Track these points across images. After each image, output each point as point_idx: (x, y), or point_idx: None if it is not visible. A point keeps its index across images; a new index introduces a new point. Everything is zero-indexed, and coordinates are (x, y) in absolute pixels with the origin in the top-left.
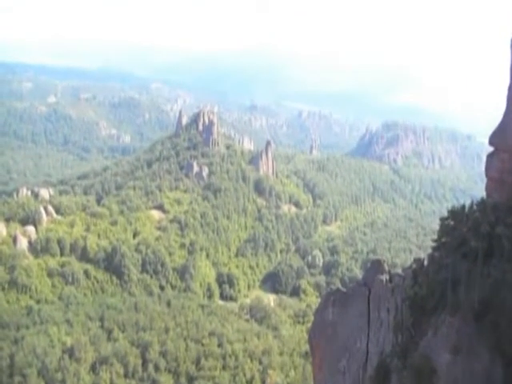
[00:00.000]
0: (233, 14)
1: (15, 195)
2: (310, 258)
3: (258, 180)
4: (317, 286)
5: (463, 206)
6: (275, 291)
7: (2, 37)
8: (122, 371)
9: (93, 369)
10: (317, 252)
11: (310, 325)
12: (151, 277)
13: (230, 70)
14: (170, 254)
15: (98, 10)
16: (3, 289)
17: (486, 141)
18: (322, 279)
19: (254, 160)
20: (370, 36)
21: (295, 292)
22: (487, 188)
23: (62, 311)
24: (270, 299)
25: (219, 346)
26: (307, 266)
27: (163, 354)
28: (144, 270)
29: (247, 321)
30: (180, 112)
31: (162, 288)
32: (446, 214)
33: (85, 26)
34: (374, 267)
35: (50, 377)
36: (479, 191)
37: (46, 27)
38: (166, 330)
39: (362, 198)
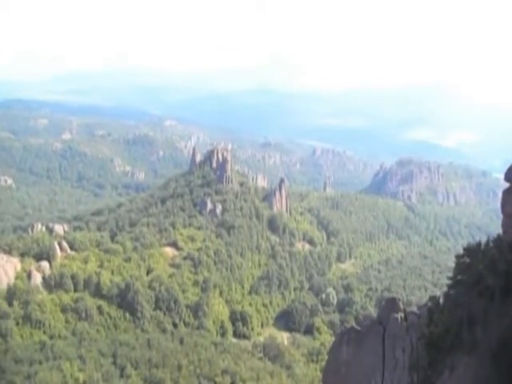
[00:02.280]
0: (245, 53)
1: (30, 230)
2: (323, 295)
3: (272, 217)
4: (331, 325)
5: (479, 243)
6: (289, 329)
7: (20, 75)
8: None
9: None
10: (331, 290)
11: (323, 364)
12: (164, 314)
13: (243, 107)
14: (184, 292)
15: (112, 50)
16: (17, 323)
17: (502, 177)
18: (336, 317)
19: (268, 197)
20: (383, 74)
21: (309, 330)
22: (503, 225)
23: (75, 347)
24: (284, 337)
25: None
26: (321, 303)
27: None
28: (157, 306)
29: (260, 359)
30: (194, 149)
31: (175, 325)
32: (461, 251)
33: (100, 66)
34: (389, 305)
35: None
36: (495, 228)
37: (61, 65)
38: (179, 368)
39: (377, 235)
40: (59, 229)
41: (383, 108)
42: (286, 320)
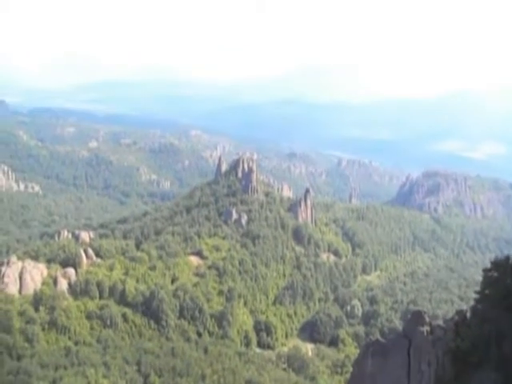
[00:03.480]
0: (272, 64)
1: (57, 237)
2: (348, 307)
3: (297, 228)
4: (356, 337)
5: (507, 257)
6: (313, 340)
7: (48, 84)
8: None
9: None
10: (356, 302)
11: (348, 376)
12: (189, 323)
13: (269, 117)
14: (208, 301)
15: (140, 60)
16: (43, 329)
17: None
18: (361, 329)
19: (293, 208)
20: (412, 85)
21: (333, 342)
22: None
23: (99, 354)
24: (308, 348)
25: None
26: (346, 315)
27: None
28: (182, 315)
29: (284, 370)
30: (219, 159)
31: (199, 334)
32: (489, 265)
33: (127, 75)
34: (415, 318)
35: None
36: None
37: (89, 75)
38: (203, 377)
39: (402, 247)
40: (85, 236)
41: (410, 119)
42: (310, 331)
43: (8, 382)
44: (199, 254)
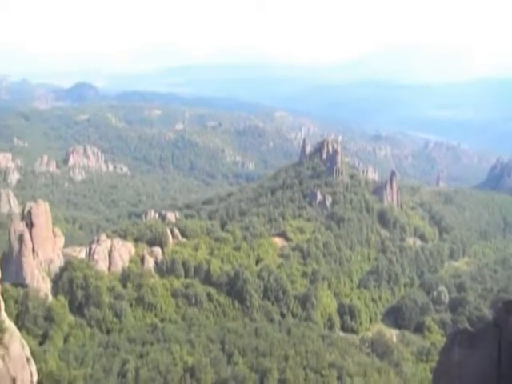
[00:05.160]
0: (359, 45)
1: (144, 217)
2: (435, 293)
3: (382, 211)
4: (442, 324)
5: None
6: (398, 326)
7: (137, 68)
8: None
9: None
10: (442, 288)
11: (434, 364)
12: (272, 304)
13: (354, 99)
14: (292, 282)
15: (228, 43)
16: (131, 305)
17: None
18: (447, 317)
19: (378, 190)
20: (501, 63)
21: (419, 328)
22: None
23: (184, 331)
24: (393, 334)
25: (339, 378)
26: (432, 301)
27: (282, 382)
28: (265, 296)
29: (368, 355)
30: (304, 140)
31: (282, 315)
32: None
33: (215, 58)
34: (506, 308)
35: None
36: None
37: (177, 58)
38: (286, 358)
39: (492, 233)
40: (171, 216)
41: (498, 99)
42: (394, 316)
43: (98, 353)
44: (283, 235)
